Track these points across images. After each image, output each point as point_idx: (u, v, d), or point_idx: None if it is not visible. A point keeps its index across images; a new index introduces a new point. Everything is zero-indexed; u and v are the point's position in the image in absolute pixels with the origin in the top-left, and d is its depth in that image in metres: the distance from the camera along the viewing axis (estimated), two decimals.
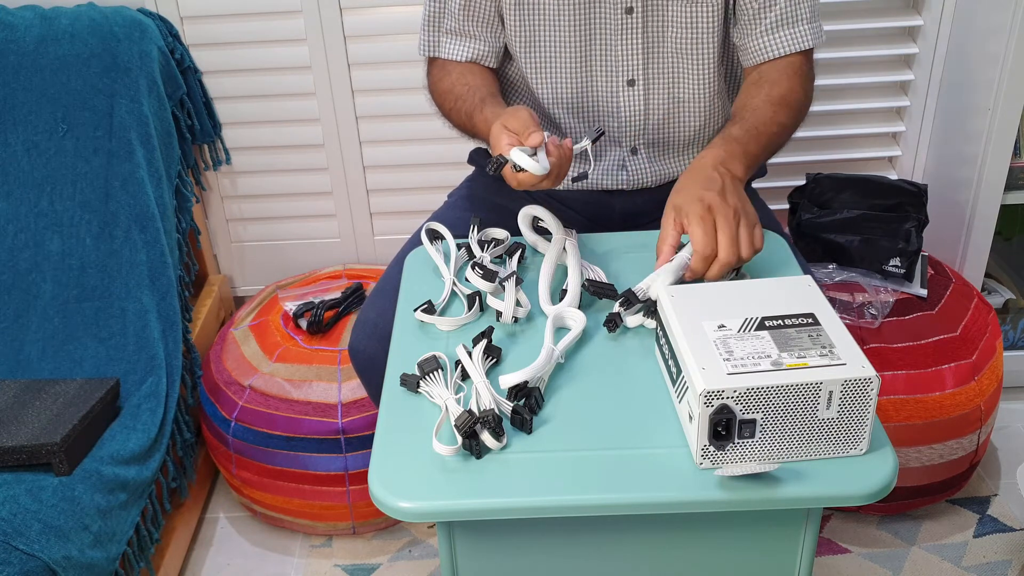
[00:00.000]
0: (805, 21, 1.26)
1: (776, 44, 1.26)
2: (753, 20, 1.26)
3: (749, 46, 1.28)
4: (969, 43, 1.81)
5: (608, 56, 1.29)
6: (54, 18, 1.72)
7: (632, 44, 1.28)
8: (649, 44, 1.28)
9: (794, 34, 1.26)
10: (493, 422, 0.87)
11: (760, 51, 1.27)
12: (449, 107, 1.31)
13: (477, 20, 1.32)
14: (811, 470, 0.85)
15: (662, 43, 1.29)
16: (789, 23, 1.26)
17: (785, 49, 1.26)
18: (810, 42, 1.27)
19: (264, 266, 2.12)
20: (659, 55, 1.29)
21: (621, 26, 1.27)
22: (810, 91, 1.29)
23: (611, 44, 1.28)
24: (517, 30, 1.30)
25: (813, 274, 1.26)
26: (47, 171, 1.69)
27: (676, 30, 1.27)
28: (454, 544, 0.93)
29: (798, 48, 1.26)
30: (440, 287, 1.14)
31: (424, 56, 1.38)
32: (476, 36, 1.33)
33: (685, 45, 1.28)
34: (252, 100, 1.93)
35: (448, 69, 1.33)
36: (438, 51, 1.35)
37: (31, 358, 1.62)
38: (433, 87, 1.36)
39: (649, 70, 1.30)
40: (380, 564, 1.70)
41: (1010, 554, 1.66)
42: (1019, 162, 1.79)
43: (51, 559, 1.25)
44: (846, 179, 1.81)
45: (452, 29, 1.33)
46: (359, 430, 1.63)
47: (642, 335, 1.04)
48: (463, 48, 1.33)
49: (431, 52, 1.36)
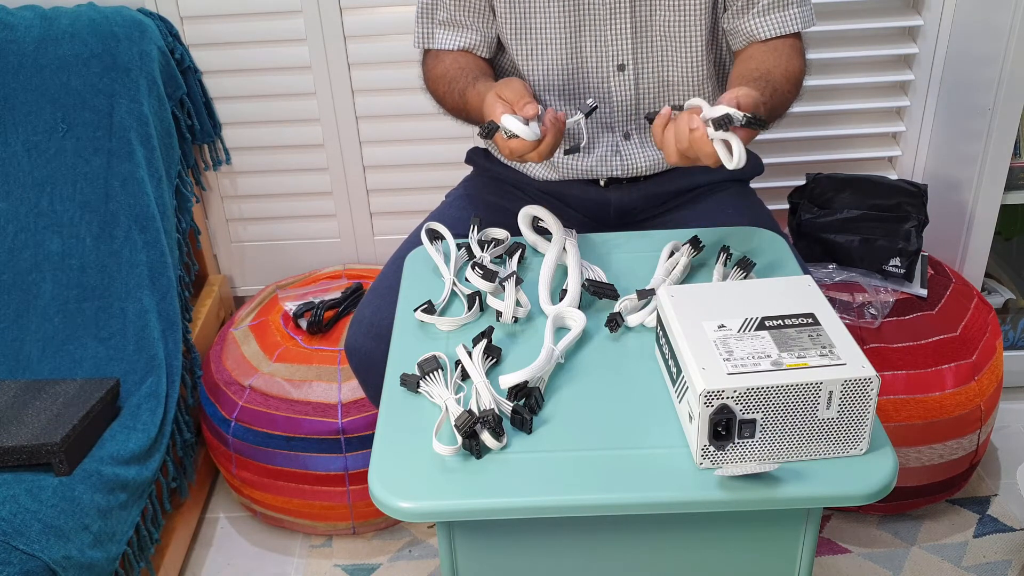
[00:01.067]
0: (795, 5, 1.28)
1: (768, 25, 1.28)
2: (746, 5, 1.28)
3: (740, 28, 1.30)
4: (969, 43, 1.81)
5: (598, 41, 1.30)
6: (54, 18, 1.72)
7: (621, 28, 1.29)
8: (638, 28, 1.30)
9: (785, 17, 1.28)
10: (493, 422, 0.87)
11: (751, 32, 1.29)
12: (443, 91, 1.32)
13: (469, 10, 1.33)
14: (811, 470, 0.85)
15: (651, 27, 1.30)
16: (780, 6, 1.28)
17: (776, 31, 1.28)
18: (799, 24, 1.29)
19: (264, 266, 2.12)
20: (648, 39, 1.31)
21: (610, 10, 1.28)
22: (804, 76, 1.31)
23: (600, 29, 1.29)
24: (508, 16, 1.31)
25: (813, 274, 1.26)
26: (47, 171, 1.69)
27: (664, 14, 1.29)
28: (454, 544, 0.93)
29: (789, 30, 1.28)
30: (440, 287, 1.14)
31: (419, 48, 1.39)
32: (468, 26, 1.34)
33: (674, 29, 1.29)
34: (252, 100, 1.93)
35: (441, 57, 1.35)
36: (431, 42, 1.36)
37: (31, 358, 1.62)
38: (427, 76, 1.37)
39: (639, 54, 1.31)
40: (380, 564, 1.70)
41: (1010, 554, 1.66)
42: (1019, 162, 1.79)
43: (51, 559, 1.25)
44: (846, 179, 1.81)
45: (444, 20, 1.34)
46: (359, 430, 1.63)
47: (642, 335, 1.04)
48: (456, 38, 1.35)
49: (425, 44, 1.37)
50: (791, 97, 1.26)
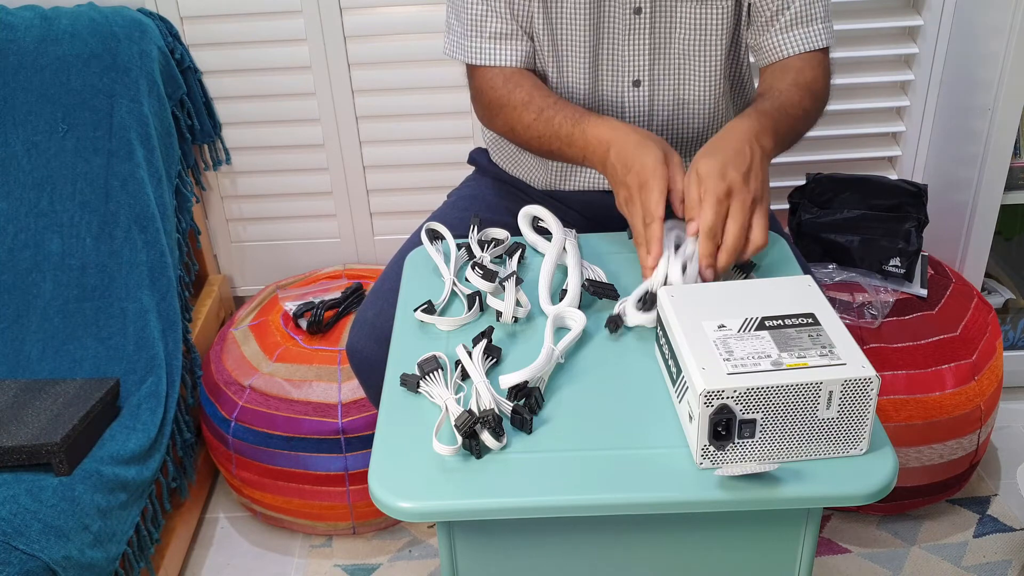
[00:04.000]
0: (820, 20, 1.27)
1: (792, 42, 1.27)
2: (770, 21, 1.27)
3: (764, 45, 1.28)
4: (969, 43, 1.81)
5: (615, 56, 1.29)
6: (54, 18, 1.72)
7: (639, 44, 1.28)
8: (656, 45, 1.28)
9: (809, 32, 1.27)
10: (493, 422, 0.87)
11: (776, 49, 1.28)
12: (527, 122, 1.24)
13: (522, 21, 1.27)
14: (811, 470, 0.85)
15: (669, 44, 1.29)
16: (804, 22, 1.26)
17: (801, 47, 1.27)
18: (824, 41, 1.27)
19: (264, 266, 2.12)
20: (666, 56, 1.29)
21: (629, 26, 1.27)
22: (829, 87, 1.30)
23: (618, 44, 1.28)
24: (543, 28, 1.28)
25: (813, 274, 1.26)
26: (47, 171, 1.69)
27: (684, 31, 1.27)
28: (454, 544, 0.93)
29: (813, 46, 1.27)
30: (440, 287, 1.14)
31: (465, 61, 1.30)
32: (521, 37, 1.28)
33: (693, 46, 1.28)
34: (252, 100, 1.93)
35: (516, 81, 1.27)
36: (497, 57, 1.27)
37: (31, 358, 1.62)
38: (500, 99, 1.27)
39: (655, 71, 1.30)
40: (380, 564, 1.70)
41: (1010, 554, 1.66)
42: (1019, 162, 1.79)
43: (51, 559, 1.25)
44: (846, 179, 1.81)
45: (497, 32, 1.27)
46: (359, 430, 1.63)
47: (642, 335, 1.04)
48: (510, 53, 1.27)
49: (478, 60, 1.28)
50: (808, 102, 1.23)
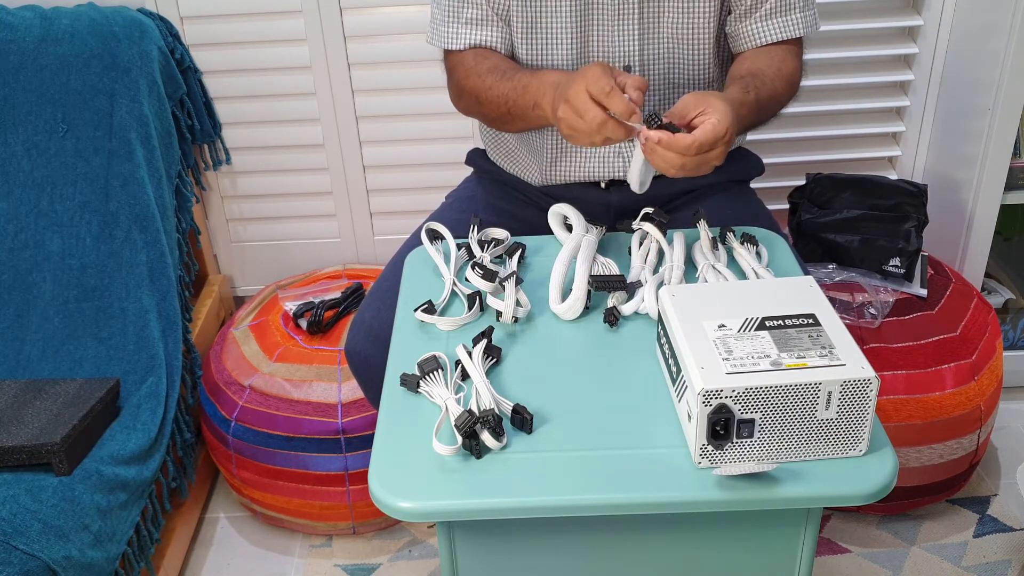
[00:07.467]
0: (798, 9, 1.28)
1: (770, 30, 1.29)
2: (749, 10, 1.28)
3: (742, 32, 1.30)
4: (969, 43, 1.81)
5: (605, 42, 1.30)
6: (54, 18, 1.72)
7: (628, 30, 1.28)
8: (645, 30, 1.29)
9: (787, 22, 1.28)
10: (493, 422, 0.87)
11: (753, 37, 1.29)
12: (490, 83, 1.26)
13: (496, 7, 1.30)
14: (811, 470, 0.85)
15: (658, 29, 1.29)
16: (783, 11, 1.28)
17: (778, 35, 1.28)
18: (801, 30, 1.29)
19: (264, 266, 2.12)
20: (656, 41, 1.30)
21: (617, 12, 1.27)
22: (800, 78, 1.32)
23: (608, 29, 1.29)
24: (520, 14, 1.29)
25: (813, 274, 1.26)
26: (47, 171, 1.69)
27: (673, 15, 1.28)
28: (454, 544, 0.93)
29: (791, 35, 1.29)
30: (440, 287, 1.14)
31: (441, 46, 1.33)
32: (497, 23, 1.30)
33: (682, 31, 1.29)
34: (252, 100, 1.93)
35: (484, 54, 1.30)
36: (456, 41, 1.31)
37: (31, 358, 1.62)
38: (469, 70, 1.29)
39: (645, 56, 1.30)
40: (380, 564, 1.70)
41: (1010, 554, 1.66)
42: (1019, 162, 1.79)
43: (51, 559, 1.25)
44: (846, 179, 1.81)
45: (472, 18, 1.30)
46: (359, 430, 1.63)
47: (642, 334, 1.04)
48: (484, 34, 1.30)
49: (454, 44, 1.31)
50: (784, 95, 1.27)
